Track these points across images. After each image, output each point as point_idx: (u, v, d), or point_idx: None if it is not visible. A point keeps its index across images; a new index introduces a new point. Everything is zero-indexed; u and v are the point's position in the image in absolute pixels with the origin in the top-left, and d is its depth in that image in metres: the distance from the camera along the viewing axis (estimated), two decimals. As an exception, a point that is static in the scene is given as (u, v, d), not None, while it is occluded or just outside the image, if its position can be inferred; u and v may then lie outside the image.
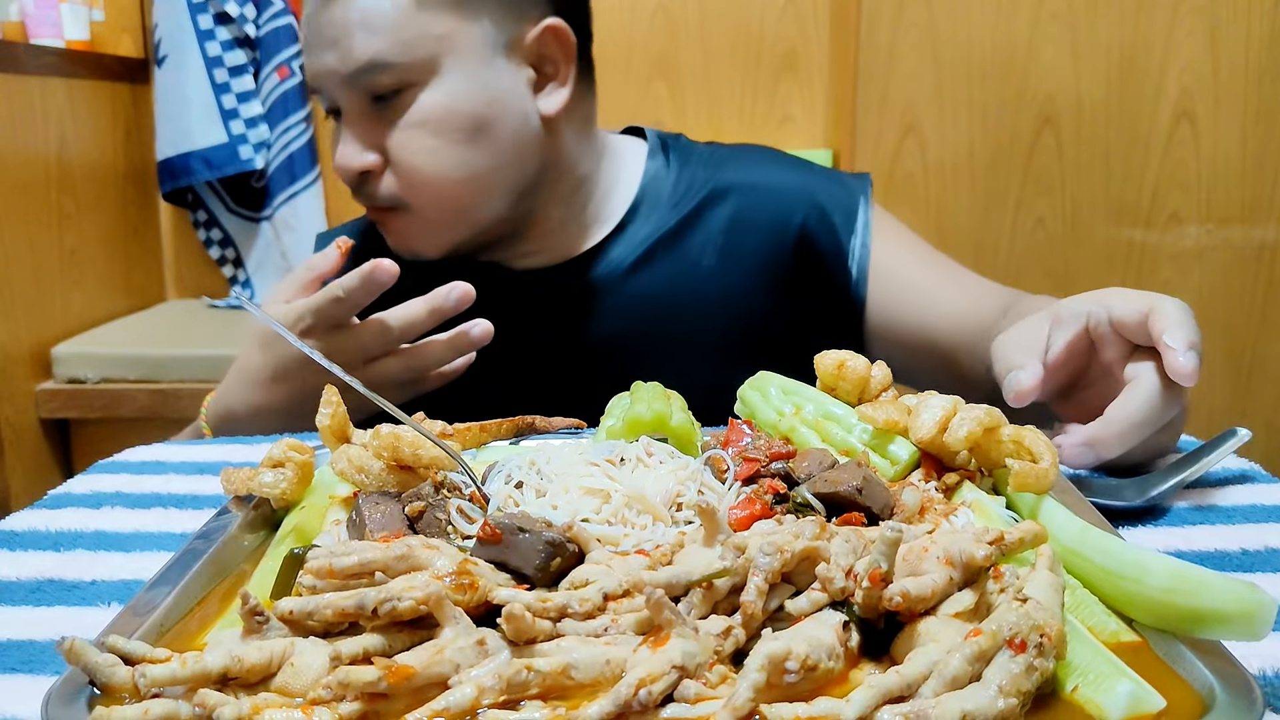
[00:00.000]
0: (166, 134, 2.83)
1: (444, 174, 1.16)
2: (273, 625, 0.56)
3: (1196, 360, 0.80)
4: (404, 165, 1.15)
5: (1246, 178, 2.34)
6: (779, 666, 0.49)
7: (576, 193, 1.28)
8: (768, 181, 1.32)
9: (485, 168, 1.17)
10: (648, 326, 1.27)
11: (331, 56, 1.13)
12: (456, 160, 1.16)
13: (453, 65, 1.14)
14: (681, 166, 1.33)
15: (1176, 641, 0.55)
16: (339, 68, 1.13)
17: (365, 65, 1.12)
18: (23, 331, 2.41)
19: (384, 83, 1.13)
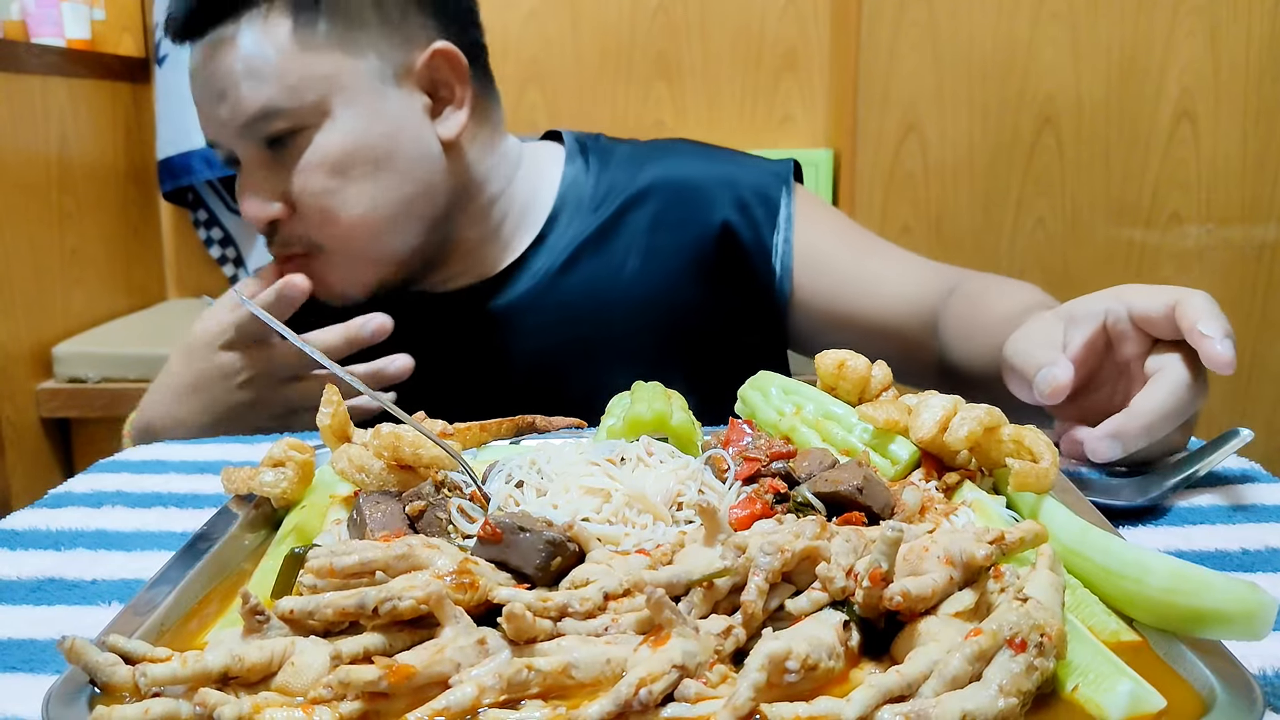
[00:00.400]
0: (167, 133, 2.82)
1: (350, 212, 1.15)
2: (273, 624, 0.56)
3: (1233, 348, 0.78)
4: (309, 208, 1.14)
5: (1247, 178, 2.34)
6: (779, 666, 0.49)
7: (491, 210, 1.26)
8: (688, 177, 1.29)
9: (390, 200, 1.16)
10: (576, 334, 1.25)
11: (223, 109, 1.13)
12: (360, 196, 1.15)
13: (343, 103, 1.14)
14: (601, 169, 1.31)
15: (1177, 641, 0.55)
16: (231, 119, 1.13)
17: (257, 113, 1.12)
18: (23, 331, 2.41)
19: (277, 128, 1.12)
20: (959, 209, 2.40)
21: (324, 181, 1.13)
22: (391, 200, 1.16)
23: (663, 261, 1.27)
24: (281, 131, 1.12)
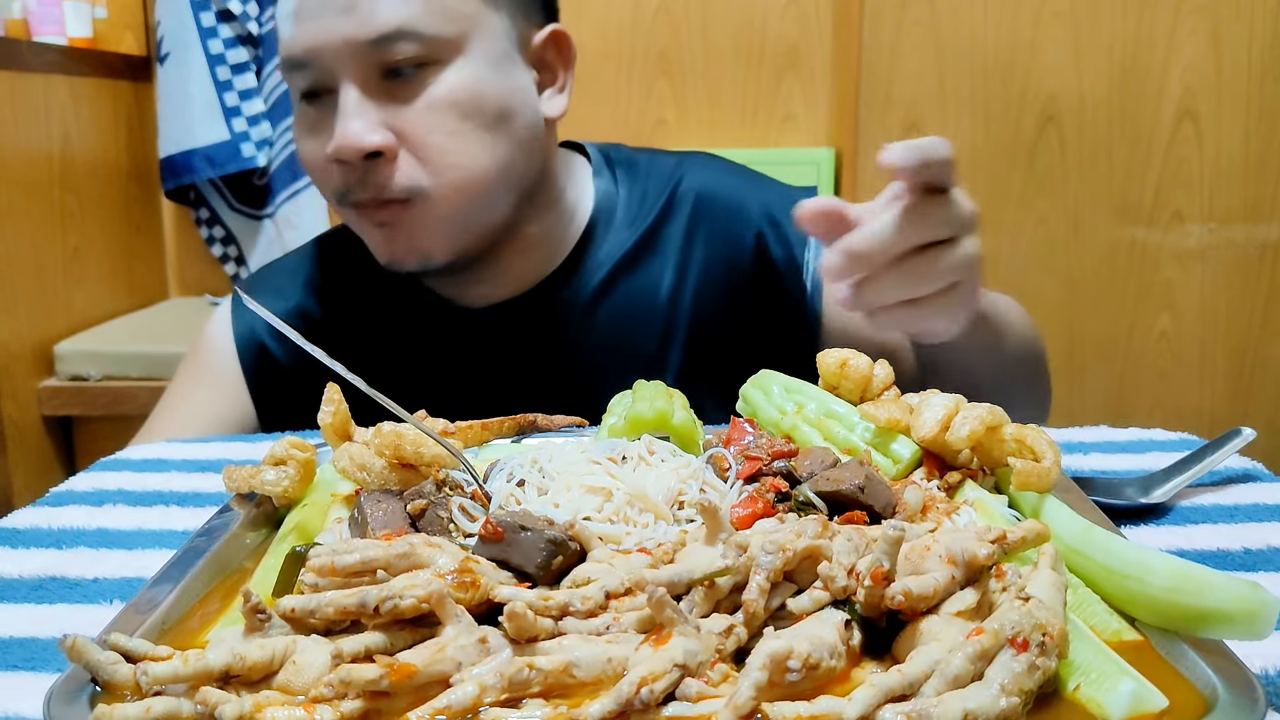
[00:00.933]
0: (169, 131, 2.83)
1: (470, 159, 1.08)
2: (274, 623, 0.56)
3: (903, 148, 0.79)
4: (427, 147, 1.07)
5: (1249, 177, 2.34)
6: (781, 665, 0.49)
7: (554, 208, 1.23)
8: (722, 192, 1.28)
9: (501, 160, 1.11)
10: (610, 353, 1.23)
11: (346, 22, 1.04)
12: (480, 147, 1.09)
13: (478, 48, 1.08)
14: (630, 181, 1.29)
15: (1179, 641, 0.55)
16: (355, 33, 1.03)
17: (391, 33, 1.03)
18: (25, 329, 2.41)
19: (407, 54, 1.04)
20: (961, 208, 2.40)
21: (451, 122, 1.07)
22: (501, 160, 1.11)
23: (697, 276, 1.25)
24: (406, 59, 1.05)
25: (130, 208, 2.90)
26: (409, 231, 1.11)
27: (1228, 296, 2.40)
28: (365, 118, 1.05)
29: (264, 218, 2.93)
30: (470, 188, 1.09)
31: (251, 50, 2.82)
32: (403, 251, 1.12)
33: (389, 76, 1.06)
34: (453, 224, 1.11)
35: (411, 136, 1.06)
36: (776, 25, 2.82)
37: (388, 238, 1.12)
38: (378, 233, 1.12)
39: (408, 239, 1.11)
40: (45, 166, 2.50)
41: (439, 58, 1.06)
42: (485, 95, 1.08)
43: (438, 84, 1.06)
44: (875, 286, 0.82)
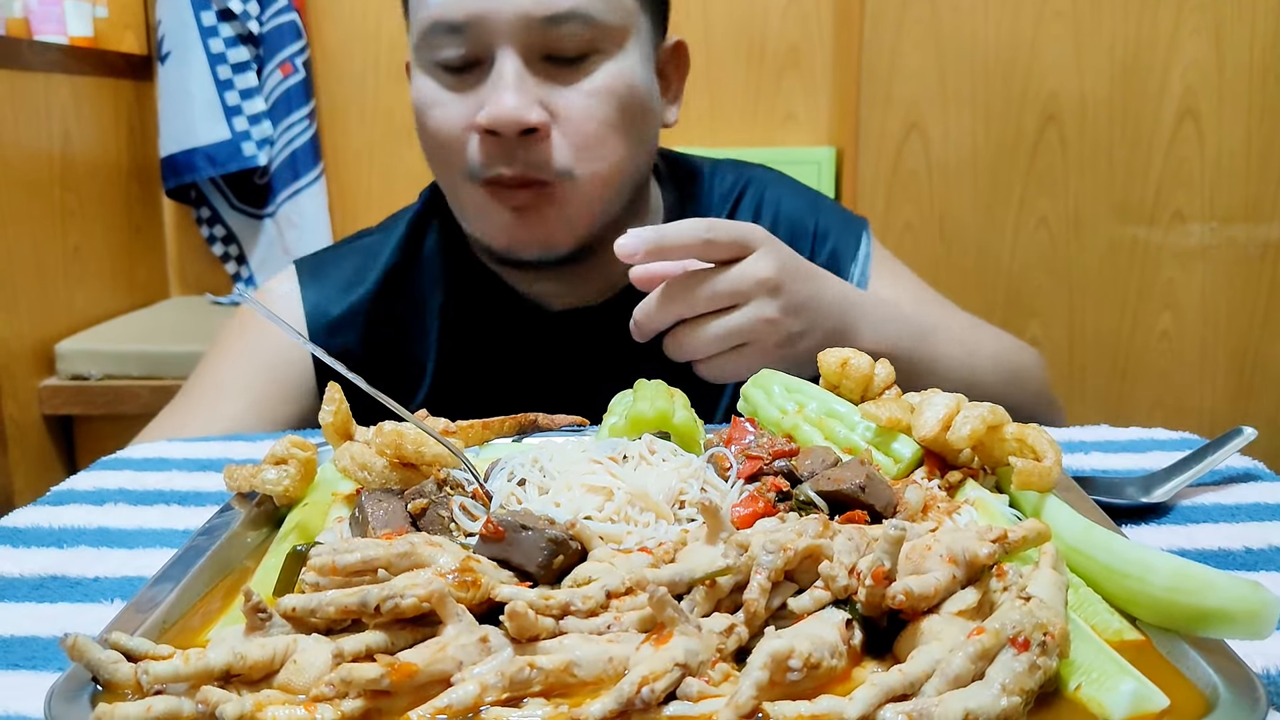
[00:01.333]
0: (170, 131, 2.83)
1: (616, 150, 1.10)
2: (275, 622, 0.56)
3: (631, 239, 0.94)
4: (583, 133, 1.07)
5: (1251, 176, 2.34)
6: (782, 665, 0.49)
7: (643, 213, 1.24)
8: (782, 207, 1.30)
9: (637, 155, 1.13)
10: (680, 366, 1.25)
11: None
12: (626, 140, 1.11)
13: (634, 43, 1.10)
14: (696, 192, 1.30)
15: (1180, 640, 0.55)
16: (532, 10, 1.03)
17: (565, 13, 1.04)
18: (26, 328, 2.42)
19: (576, 37, 1.05)
20: (962, 207, 2.40)
21: (606, 111, 1.08)
22: (637, 157, 1.14)
23: None
24: (573, 46, 1.06)
25: (131, 207, 2.90)
26: (543, 216, 1.10)
27: (1229, 296, 2.40)
28: (524, 92, 1.04)
29: (265, 217, 2.93)
30: (612, 178, 1.11)
31: (252, 49, 2.82)
32: (530, 237, 1.12)
33: (548, 58, 1.06)
34: (586, 213, 1.12)
35: (567, 119, 1.06)
36: (777, 24, 2.82)
37: (518, 221, 1.11)
38: (507, 215, 1.10)
39: (540, 224, 1.11)
40: (46, 166, 2.50)
41: (601, 46, 1.07)
42: (638, 91, 1.10)
43: (599, 72, 1.07)
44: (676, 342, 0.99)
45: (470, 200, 1.13)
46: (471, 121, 1.06)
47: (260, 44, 2.83)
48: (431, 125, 1.10)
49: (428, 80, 1.10)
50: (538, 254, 1.13)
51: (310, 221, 2.88)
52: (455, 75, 1.08)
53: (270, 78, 2.83)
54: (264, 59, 2.83)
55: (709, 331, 0.97)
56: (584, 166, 1.08)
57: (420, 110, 1.12)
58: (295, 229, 2.88)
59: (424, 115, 1.11)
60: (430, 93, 1.10)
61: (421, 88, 1.11)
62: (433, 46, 1.08)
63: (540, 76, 1.06)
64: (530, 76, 1.05)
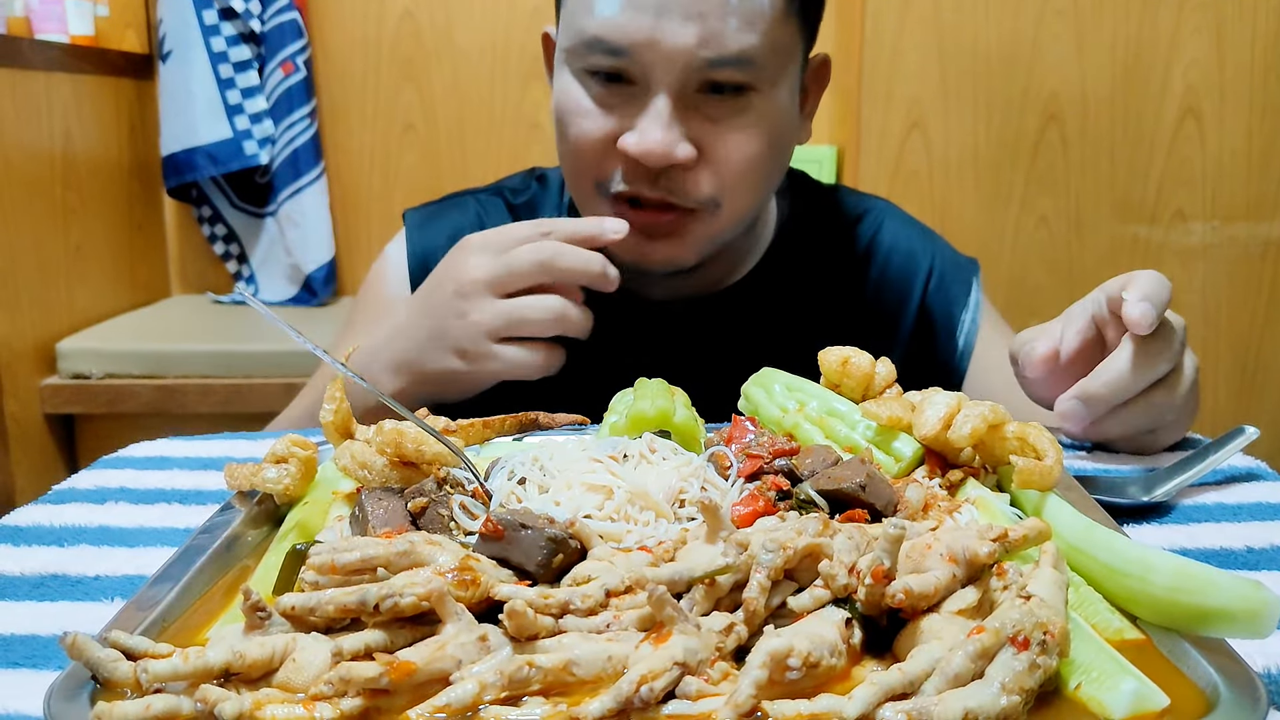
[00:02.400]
0: (171, 130, 2.83)
1: (761, 183, 1.12)
2: (275, 621, 0.56)
3: (1149, 308, 0.87)
4: (729, 167, 1.07)
5: (1252, 175, 2.34)
6: (781, 663, 0.49)
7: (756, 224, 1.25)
8: (900, 241, 1.31)
9: (772, 183, 1.15)
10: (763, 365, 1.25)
11: (690, 33, 1.01)
12: (770, 172, 1.12)
13: (786, 79, 1.10)
14: (814, 209, 1.31)
15: (1181, 639, 0.55)
16: (698, 49, 1.02)
17: (733, 56, 1.03)
18: (27, 327, 2.42)
19: (736, 79, 1.04)
20: (963, 206, 2.40)
21: (758, 147, 1.08)
22: (774, 183, 1.15)
23: (862, 314, 1.28)
24: (732, 82, 1.05)
25: (132, 206, 2.90)
26: (678, 239, 1.11)
27: (1230, 295, 2.40)
28: (674, 128, 1.04)
29: (266, 216, 2.93)
30: (753, 207, 1.13)
31: (254, 48, 2.82)
32: (652, 254, 1.12)
33: (702, 90, 1.05)
34: (708, 236, 1.12)
35: (715, 154, 1.07)
36: (779, 23, 2.81)
37: (647, 239, 1.10)
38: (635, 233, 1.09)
39: (673, 245, 1.11)
40: (47, 164, 2.50)
41: (757, 86, 1.06)
42: (784, 128, 1.12)
43: (750, 111, 1.07)
44: (1113, 422, 0.91)
45: (597, 211, 1.13)
46: (615, 138, 1.06)
47: (262, 43, 2.82)
48: (573, 133, 1.10)
49: (575, 86, 1.09)
50: (661, 268, 1.13)
51: (311, 220, 2.88)
52: (606, 89, 1.07)
53: (271, 76, 2.83)
54: (265, 58, 2.83)
55: (1136, 413, 0.91)
56: (729, 198, 1.09)
57: (563, 114, 1.11)
58: (296, 228, 2.88)
59: (566, 121, 1.11)
60: (577, 100, 1.09)
61: (569, 92, 1.10)
62: (588, 58, 1.07)
63: (692, 109, 1.06)
64: (682, 110, 1.05)
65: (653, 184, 1.07)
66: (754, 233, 1.26)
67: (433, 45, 2.91)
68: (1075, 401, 0.89)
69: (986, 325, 1.29)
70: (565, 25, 1.10)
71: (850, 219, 1.32)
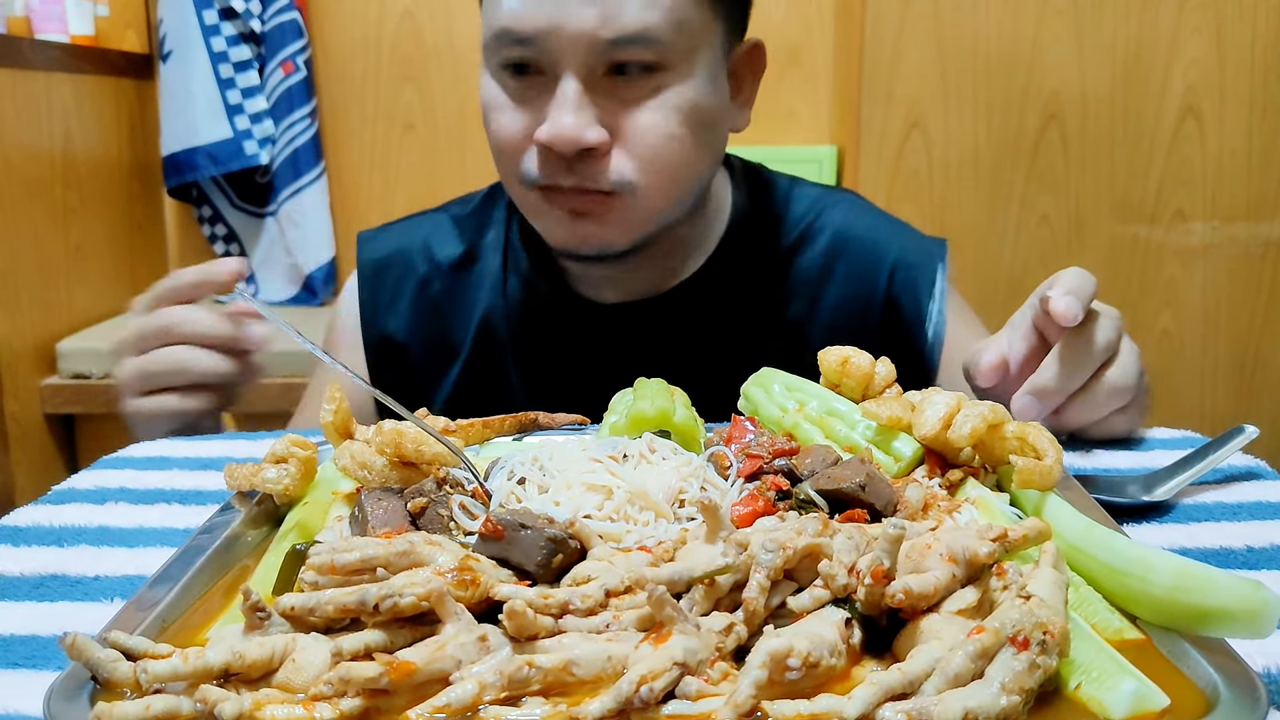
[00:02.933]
0: (171, 129, 2.83)
1: (679, 165, 1.10)
2: (274, 621, 0.56)
3: (1073, 300, 0.91)
4: (643, 149, 1.07)
5: (1252, 175, 2.34)
6: (781, 663, 0.49)
7: (704, 213, 1.24)
8: (861, 232, 1.30)
9: (700, 168, 1.14)
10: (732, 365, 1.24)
11: (590, 15, 1.02)
12: (690, 154, 1.11)
13: (704, 59, 1.10)
14: (770, 203, 1.30)
15: (1181, 639, 0.55)
16: (597, 30, 1.02)
17: (634, 34, 1.03)
18: (28, 327, 2.42)
19: (642, 58, 1.04)
20: (963, 206, 2.40)
21: (669, 129, 1.08)
22: (700, 166, 1.14)
23: (826, 308, 1.27)
24: (639, 62, 1.05)
25: (132, 206, 2.90)
26: (600, 220, 1.11)
27: (1230, 294, 2.40)
28: (583, 113, 1.05)
29: (266, 215, 2.93)
30: (674, 191, 1.12)
31: (254, 48, 2.82)
32: (585, 238, 1.13)
33: (610, 73, 1.06)
34: (645, 219, 1.12)
35: (628, 137, 1.07)
36: (779, 22, 2.82)
37: (574, 222, 1.11)
38: (563, 216, 1.11)
39: (597, 228, 1.12)
40: (47, 164, 2.50)
41: (666, 64, 1.06)
42: (702, 107, 1.10)
43: (668, 91, 1.07)
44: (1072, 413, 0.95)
45: (527, 201, 1.14)
46: (531, 132, 1.07)
47: (262, 42, 2.82)
48: (494, 129, 1.12)
49: (493, 84, 1.11)
50: (595, 251, 1.14)
51: (312, 220, 2.88)
52: (519, 81, 1.09)
53: (272, 76, 2.83)
54: (266, 57, 2.83)
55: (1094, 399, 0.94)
56: (644, 180, 1.09)
57: (484, 112, 1.13)
58: (297, 228, 2.88)
59: (487, 118, 1.12)
60: (494, 96, 1.11)
61: (487, 90, 1.12)
62: (500, 51, 1.08)
63: (603, 93, 1.06)
64: (592, 94, 1.06)
65: (568, 171, 1.07)
66: (702, 224, 1.25)
67: (433, 45, 2.91)
68: (1028, 397, 0.92)
69: (953, 314, 1.28)
70: (483, 24, 1.12)
71: (807, 211, 1.30)
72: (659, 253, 1.21)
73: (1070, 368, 0.92)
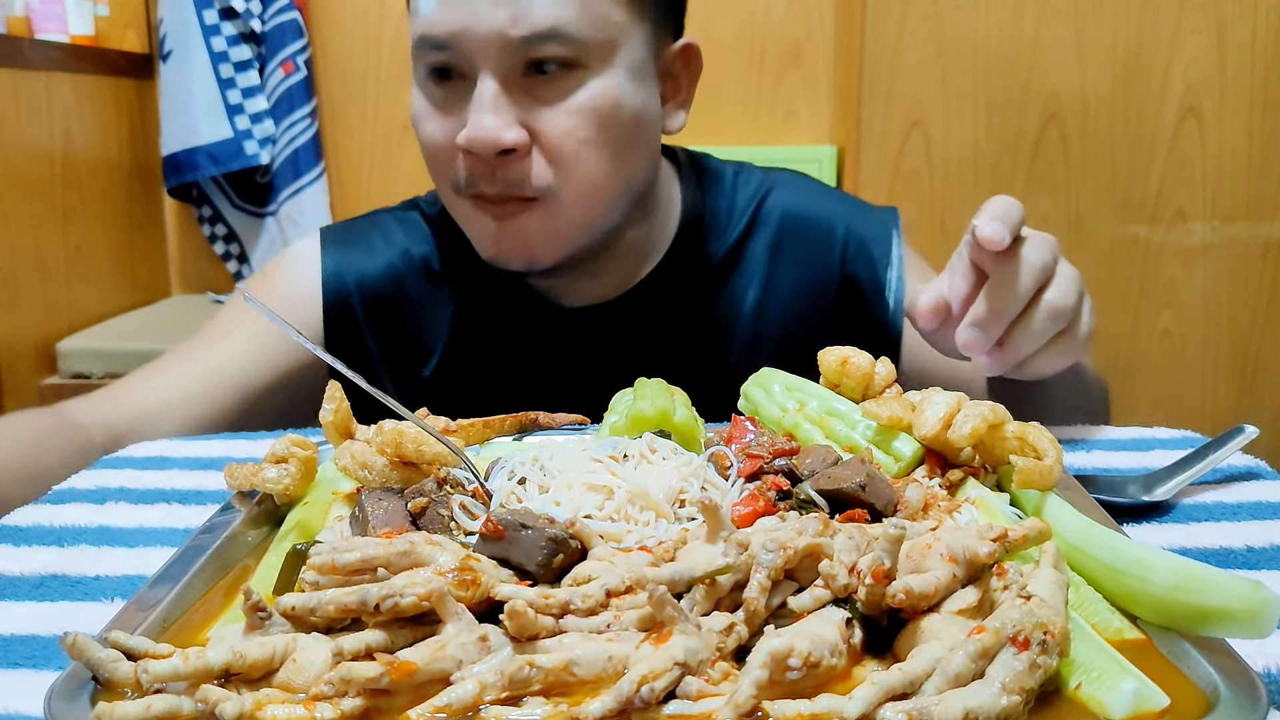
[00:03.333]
0: (171, 129, 2.83)
1: (602, 167, 1.09)
2: (275, 621, 0.56)
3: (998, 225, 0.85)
4: (564, 150, 1.07)
5: (1253, 174, 2.34)
6: (781, 663, 0.49)
7: (654, 214, 1.23)
8: (810, 210, 1.29)
9: (626, 170, 1.12)
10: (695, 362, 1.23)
11: (497, 14, 1.02)
12: (613, 156, 1.09)
13: (624, 58, 1.08)
14: (717, 193, 1.29)
15: (1181, 639, 0.55)
16: (508, 29, 1.02)
17: (545, 31, 1.03)
18: (28, 326, 2.42)
19: (556, 55, 1.04)
20: (963, 206, 2.40)
21: (590, 129, 1.07)
22: (626, 170, 1.12)
23: (782, 291, 1.26)
24: (554, 59, 1.05)
25: (132, 205, 2.90)
26: (524, 230, 1.10)
27: (1231, 294, 2.40)
28: (501, 113, 1.04)
29: (266, 215, 2.93)
30: (598, 195, 1.10)
31: (254, 48, 2.82)
32: (512, 249, 1.12)
33: (529, 73, 1.05)
34: (572, 227, 1.11)
35: (547, 138, 1.06)
36: (779, 22, 2.82)
37: (500, 233, 1.11)
38: (491, 225, 1.11)
39: (522, 237, 1.11)
40: (47, 164, 2.50)
41: (585, 62, 1.06)
42: (624, 106, 1.08)
43: (581, 90, 1.06)
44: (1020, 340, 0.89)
45: (459, 210, 1.14)
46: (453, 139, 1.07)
47: (262, 42, 2.83)
48: (423, 138, 1.12)
49: (419, 94, 1.12)
50: (522, 265, 1.13)
51: (312, 220, 2.88)
52: (443, 89, 1.09)
53: (272, 76, 2.83)
54: (266, 57, 2.83)
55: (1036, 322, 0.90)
56: (565, 184, 1.08)
57: (414, 122, 1.13)
58: (297, 227, 2.88)
59: (416, 127, 1.13)
60: (420, 105, 1.11)
61: (415, 99, 1.13)
62: (422, 58, 1.09)
63: (521, 93, 1.06)
64: (510, 94, 1.05)
65: (490, 178, 1.07)
66: (654, 225, 1.24)
67: (433, 45, 2.91)
68: (970, 330, 0.89)
69: (913, 278, 1.26)
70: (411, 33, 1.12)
71: (752, 198, 1.29)
72: (613, 257, 1.21)
73: (1005, 292, 0.88)
